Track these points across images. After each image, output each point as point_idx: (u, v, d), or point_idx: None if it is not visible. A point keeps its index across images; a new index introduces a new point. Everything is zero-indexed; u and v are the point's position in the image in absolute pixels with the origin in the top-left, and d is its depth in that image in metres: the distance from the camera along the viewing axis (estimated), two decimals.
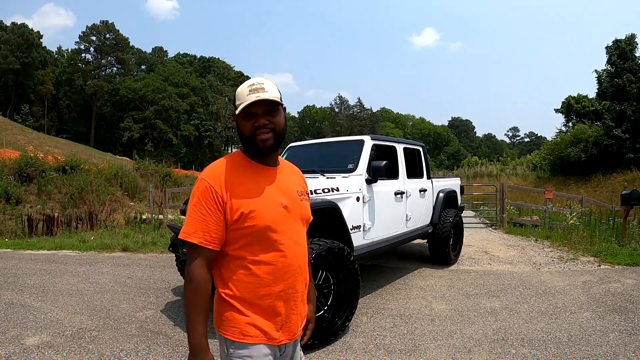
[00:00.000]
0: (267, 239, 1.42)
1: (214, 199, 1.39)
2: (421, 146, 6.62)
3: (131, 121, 57.34)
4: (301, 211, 1.57)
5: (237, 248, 1.43)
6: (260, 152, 1.47)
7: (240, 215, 1.39)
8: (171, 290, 5.41)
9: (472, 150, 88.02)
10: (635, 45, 26.03)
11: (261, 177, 1.48)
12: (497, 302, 4.83)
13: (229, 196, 1.40)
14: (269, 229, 1.42)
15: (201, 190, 1.41)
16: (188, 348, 1.38)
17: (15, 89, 55.76)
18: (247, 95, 1.42)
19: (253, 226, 1.40)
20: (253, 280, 1.43)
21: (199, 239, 1.38)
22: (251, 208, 1.40)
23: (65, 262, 7.21)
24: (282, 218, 1.46)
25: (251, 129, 1.44)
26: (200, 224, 1.39)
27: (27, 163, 14.96)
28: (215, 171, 1.45)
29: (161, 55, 74.68)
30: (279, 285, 1.45)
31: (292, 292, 1.49)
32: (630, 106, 24.30)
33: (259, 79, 1.47)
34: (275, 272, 1.44)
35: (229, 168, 1.46)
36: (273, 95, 1.43)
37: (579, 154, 25.50)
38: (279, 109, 1.48)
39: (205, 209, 1.39)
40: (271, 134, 1.45)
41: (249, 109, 1.42)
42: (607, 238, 8.22)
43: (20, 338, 3.84)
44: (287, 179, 1.57)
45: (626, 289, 5.23)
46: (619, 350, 3.47)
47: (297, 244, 1.51)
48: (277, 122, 1.46)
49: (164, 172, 19.93)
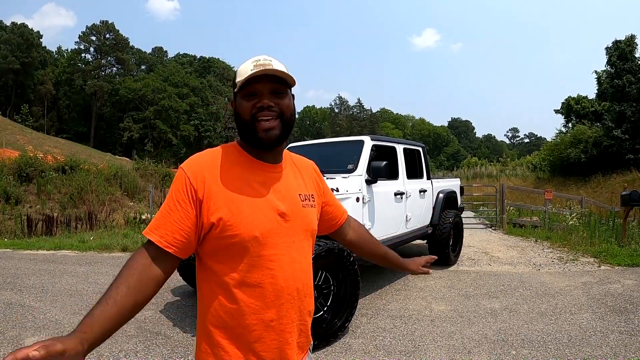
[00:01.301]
0: (253, 254, 1.11)
1: (186, 193, 1.09)
2: (421, 147, 6.62)
3: (131, 121, 57.32)
4: (303, 220, 1.22)
5: (217, 262, 1.13)
6: (261, 144, 1.15)
7: (219, 220, 1.08)
8: (170, 291, 5.40)
9: (471, 151, 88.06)
10: (635, 46, 26.08)
11: (256, 175, 1.17)
12: (497, 303, 4.83)
13: (207, 194, 1.09)
14: (255, 242, 1.10)
15: (176, 181, 1.13)
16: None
17: (15, 89, 55.73)
18: (252, 70, 1.11)
19: (235, 236, 1.09)
20: (236, 307, 1.11)
21: (157, 237, 1.07)
22: (234, 213, 1.09)
23: (64, 262, 7.20)
24: (275, 228, 1.14)
25: (251, 111, 1.13)
26: (164, 220, 1.09)
27: (27, 163, 14.94)
28: (198, 161, 1.16)
29: (161, 55, 74.66)
30: (268, 313, 1.13)
31: (287, 322, 1.16)
32: (630, 107, 24.33)
33: (266, 56, 1.17)
34: (264, 296, 1.12)
35: (217, 160, 1.16)
36: (282, 71, 1.14)
37: (578, 154, 25.54)
38: (287, 91, 1.19)
39: (174, 203, 1.10)
40: (277, 121, 1.14)
41: (252, 85, 1.13)
42: (607, 239, 8.22)
43: (19, 338, 3.83)
44: (291, 178, 1.25)
45: (626, 290, 5.23)
46: (619, 351, 3.47)
47: (294, 261, 1.17)
48: (285, 104, 1.16)
49: (164, 172, 19.89)
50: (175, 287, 5.54)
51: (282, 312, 1.15)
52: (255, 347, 1.13)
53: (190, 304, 4.86)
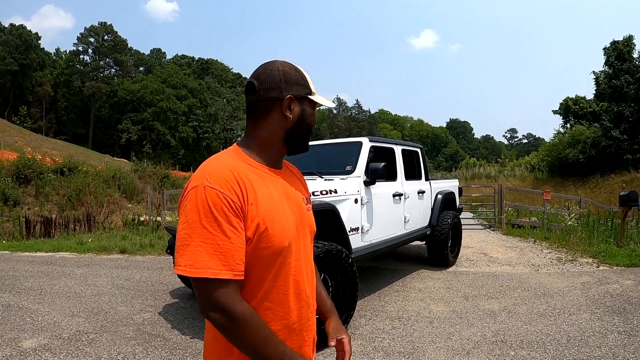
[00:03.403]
0: (281, 262, 1.10)
1: (234, 212, 1.01)
2: (419, 148, 6.62)
3: (129, 123, 57.28)
4: (310, 224, 1.25)
5: (246, 274, 1.07)
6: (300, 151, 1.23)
7: (255, 231, 1.04)
8: (169, 293, 5.39)
9: (470, 151, 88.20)
10: (633, 47, 26.15)
11: (271, 183, 1.14)
12: (495, 303, 4.83)
13: (247, 206, 1.04)
14: (286, 250, 1.10)
15: (214, 203, 1.00)
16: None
17: (14, 91, 55.67)
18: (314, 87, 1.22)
19: (270, 247, 1.06)
20: (264, 314, 1.09)
21: (229, 272, 0.99)
22: (268, 224, 1.06)
23: (62, 264, 7.19)
24: (296, 235, 1.15)
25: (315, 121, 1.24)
26: (225, 250, 0.99)
27: (25, 165, 14.91)
28: (226, 178, 1.04)
29: (159, 56, 74.62)
30: (291, 317, 1.15)
31: (305, 322, 1.20)
32: (628, 107, 24.40)
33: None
34: (288, 302, 1.13)
35: (238, 173, 1.07)
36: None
37: (577, 155, 25.59)
38: None
39: (226, 226, 0.99)
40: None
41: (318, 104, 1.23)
42: (606, 239, 8.22)
43: (17, 341, 3.82)
44: (294, 184, 1.26)
45: (625, 290, 5.23)
46: (618, 351, 3.47)
47: (307, 265, 1.21)
48: None
49: (162, 173, 19.88)
50: (173, 290, 5.53)
51: (302, 314, 1.18)
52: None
53: (189, 306, 4.85)
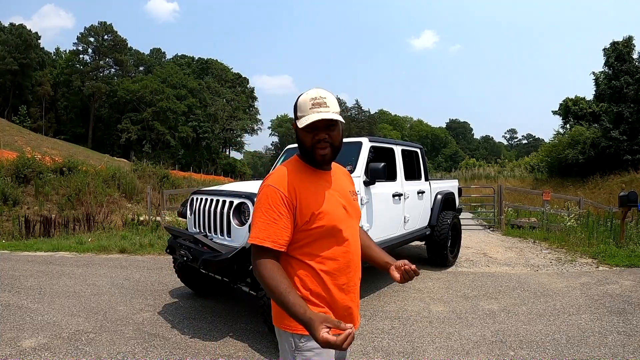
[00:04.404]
0: (333, 237, 1.53)
1: (284, 203, 1.47)
2: (419, 148, 6.62)
3: (129, 122, 57.21)
4: (356, 210, 1.69)
5: (304, 246, 1.53)
6: (318, 164, 1.57)
7: (311, 216, 1.49)
8: (168, 293, 5.39)
9: (470, 152, 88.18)
10: (633, 47, 26.16)
11: (322, 181, 1.59)
12: (495, 304, 4.83)
13: (298, 200, 1.49)
14: (335, 228, 1.53)
15: (271, 196, 1.48)
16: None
17: (13, 90, 55.62)
18: (310, 109, 1.47)
19: (322, 226, 1.50)
20: (319, 275, 1.52)
21: (271, 242, 1.45)
22: (320, 210, 1.50)
23: (62, 264, 7.18)
24: (343, 217, 1.57)
25: (311, 142, 1.51)
26: (272, 228, 1.46)
27: (25, 164, 14.90)
28: (280, 177, 1.52)
29: (159, 56, 74.53)
30: (342, 278, 1.56)
31: (353, 284, 1.61)
32: (628, 108, 24.41)
33: (321, 92, 1.50)
34: (340, 267, 1.55)
35: (292, 174, 1.53)
36: (334, 111, 1.49)
37: (576, 155, 25.60)
38: (338, 123, 1.53)
39: (277, 213, 1.46)
40: (329, 149, 1.53)
41: (311, 123, 1.47)
42: (605, 240, 8.22)
43: (16, 340, 3.82)
44: (340, 181, 1.68)
45: (624, 291, 5.23)
46: (617, 351, 3.47)
47: (355, 241, 1.63)
48: (335, 136, 1.53)
49: (162, 173, 19.87)
50: (173, 289, 5.53)
51: (349, 278, 1.60)
52: (334, 304, 1.55)
53: (188, 306, 4.85)
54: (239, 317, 4.45)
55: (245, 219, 3.80)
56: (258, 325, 4.15)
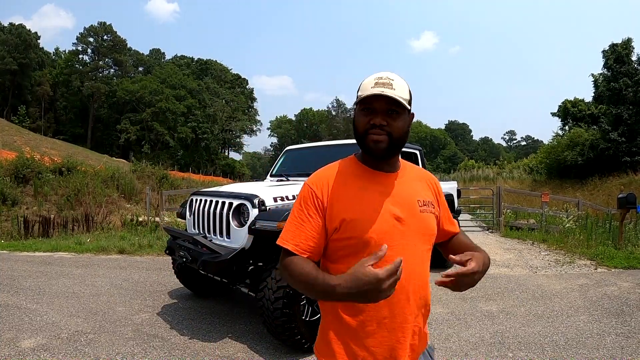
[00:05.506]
0: (368, 253, 1.17)
1: (314, 205, 1.28)
2: (418, 149, 6.62)
3: (128, 123, 57.20)
4: (420, 224, 1.30)
5: (337, 261, 1.28)
6: (371, 153, 1.28)
7: (341, 223, 1.23)
8: (167, 293, 5.39)
9: (468, 153, 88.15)
10: (632, 49, 26.22)
11: (372, 183, 1.29)
12: (494, 305, 4.84)
13: (330, 202, 1.26)
14: (372, 242, 1.21)
15: (303, 195, 1.31)
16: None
17: (13, 90, 55.59)
18: (371, 87, 1.22)
19: (353, 237, 1.23)
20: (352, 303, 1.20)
21: (294, 246, 1.25)
22: (354, 216, 1.23)
23: (61, 264, 7.18)
24: (391, 230, 1.24)
25: (365, 126, 1.25)
26: (298, 231, 1.27)
27: (24, 164, 14.88)
28: (320, 176, 1.33)
29: (158, 57, 74.56)
30: (382, 311, 1.23)
31: (401, 321, 1.25)
32: (627, 110, 24.46)
33: (389, 74, 1.26)
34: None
35: (337, 173, 1.32)
36: (400, 95, 1.22)
37: (575, 157, 25.63)
38: (403, 112, 1.26)
39: (305, 215, 1.28)
40: (385, 137, 1.24)
41: (370, 102, 1.23)
42: (604, 241, 8.24)
43: (15, 340, 3.81)
44: (407, 185, 1.34)
45: (622, 292, 5.24)
46: (615, 353, 3.48)
47: (408, 264, 1.20)
48: (396, 125, 1.24)
49: (161, 174, 19.83)
50: (172, 290, 5.52)
51: (395, 312, 1.24)
52: (367, 342, 1.23)
53: (187, 307, 4.85)
54: (238, 318, 4.45)
55: (244, 220, 3.80)
56: (257, 326, 4.15)
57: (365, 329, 1.23)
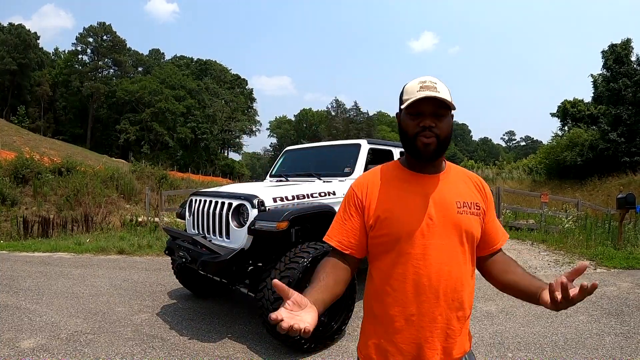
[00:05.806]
0: (400, 251, 1.28)
1: (355, 204, 1.38)
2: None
3: (127, 123, 57.19)
4: (457, 225, 1.30)
5: (374, 259, 1.36)
6: (420, 155, 1.31)
7: (376, 220, 1.31)
8: (167, 294, 5.38)
9: (468, 154, 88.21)
10: (631, 50, 26.24)
11: (412, 184, 1.34)
12: (493, 305, 4.84)
13: (369, 202, 1.35)
14: (405, 239, 1.27)
15: (347, 196, 1.42)
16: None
17: (12, 90, 55.56)
18: (417, 92, 1.26)
19: (385, 235, 1.29)
20: (383, 297, 1.31)
21: (337, 242, 1.37)
22: (387, 214, 1.30)
23: (60, 265, 7.17)
24: (424, 230, 1.27)
25: (415, 129, 1.28)
26: (341, 229, 1.38)
27: (23, 164, 14.86)
28: (363, 178, 1.44)
29: (158, 57, 74.53)
30: (410, 307, 1.27)
31: (429, 320, 1.27)
32: (626, 110, 24.47)
33: (431, 78, 1.31)
34: (405, 290, 1.27)
35: (378, 175, 1.40)
36: (445, 97, 1.26)
37: (574, 157, 25.65)
38: (448, 113, 1.30)
39: (348, 214, 1.38)
40: (434, 139, 1.27)
41: (417, 106, 1.27)
42: (603, 242, 8.25)
43: (15, 341, 3.81)
44: (449, 187, 1.36)
45: (622, 293, 5.25)
46: (615, 353, 3.48)
47: (441, 263, 1.27)
48: (443, 127, 1.29)
49: (160, 174, 19.80)
50: (171, 290, 5.52)
51: (422, 310, 1.26)
52: (396, 338, 1.28)
53: (187, 307, 4.85)
54: (237, 319, 4.45)
55: (244, 220, 3.80)
56: (257, 326, 4.15)
57: (394, 324, 1.28)
